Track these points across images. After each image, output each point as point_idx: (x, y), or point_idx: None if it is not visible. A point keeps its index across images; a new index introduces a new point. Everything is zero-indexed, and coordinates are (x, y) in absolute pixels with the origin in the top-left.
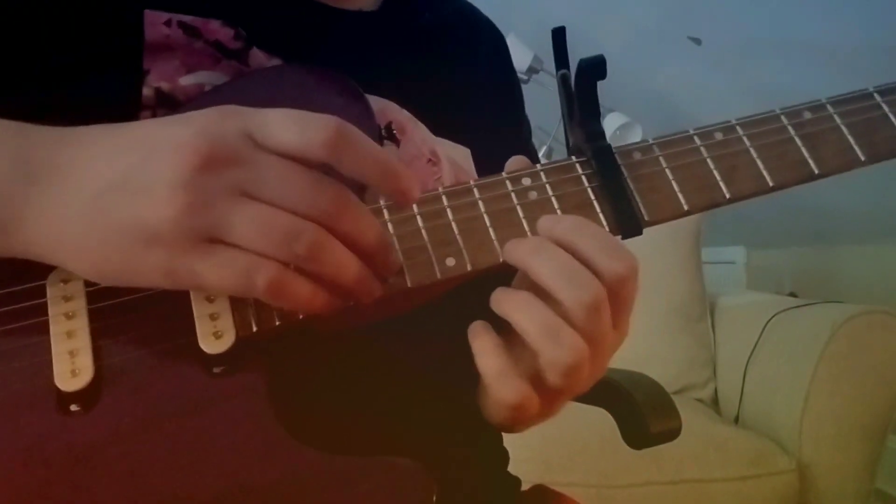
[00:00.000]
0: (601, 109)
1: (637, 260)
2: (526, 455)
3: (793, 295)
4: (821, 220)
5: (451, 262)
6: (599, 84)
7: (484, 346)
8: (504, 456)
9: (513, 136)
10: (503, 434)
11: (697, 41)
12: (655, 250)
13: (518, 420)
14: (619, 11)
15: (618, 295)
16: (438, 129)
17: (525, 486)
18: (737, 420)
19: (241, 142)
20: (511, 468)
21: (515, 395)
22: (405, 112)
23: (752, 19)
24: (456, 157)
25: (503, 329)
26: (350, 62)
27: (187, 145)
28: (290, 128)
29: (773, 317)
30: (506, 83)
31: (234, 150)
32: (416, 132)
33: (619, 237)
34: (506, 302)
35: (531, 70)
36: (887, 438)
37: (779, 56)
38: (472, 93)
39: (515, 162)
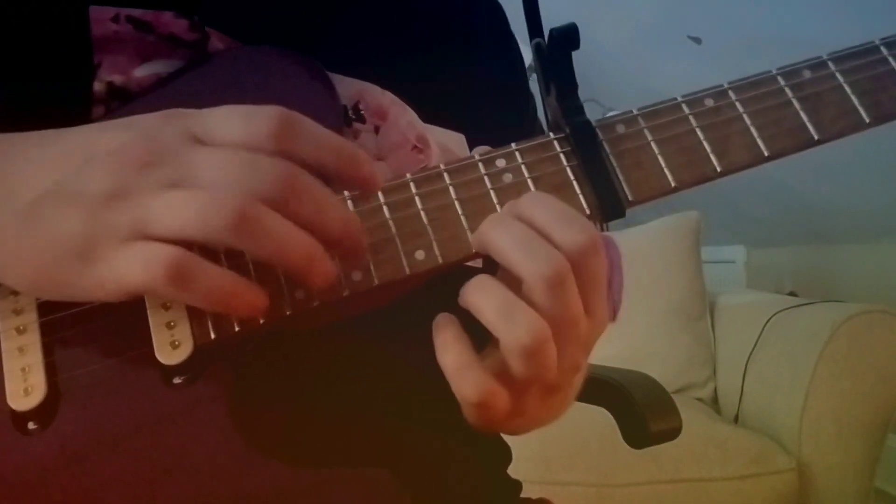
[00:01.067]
0: (601, 108)
1: (597, 231)
2: (526, 454)
3: (793, 294)
4: (821, 218)
5: (420, 255)
6: (599, 83)
7: (444, 340)
8: (506, 455)
9: (514, 116)
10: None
11: (697, 40)
12: (655, 249)
13: (489, 419)
14: (619, 11)
15: (582, 270)
16: (430, 115)
17: (525, 487)
18: (736, 419)
19: (180, 142)
20: (511, 467)
21: (474, 390)
22: (389, 95)
23: (752, 18)
24: (448, 144)
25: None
26: (331, 45)
27: (122, 151)
28: (234, 123)
29: (772, 316)
30: (505, 59)
31: (170, 151)
32: (402, 116)
33: (601, 219)
34: (465, 288)
35: (530, 69)
36: (887, 437)
37: (779, 55)
38: (466, 74)
39: (479, 151)
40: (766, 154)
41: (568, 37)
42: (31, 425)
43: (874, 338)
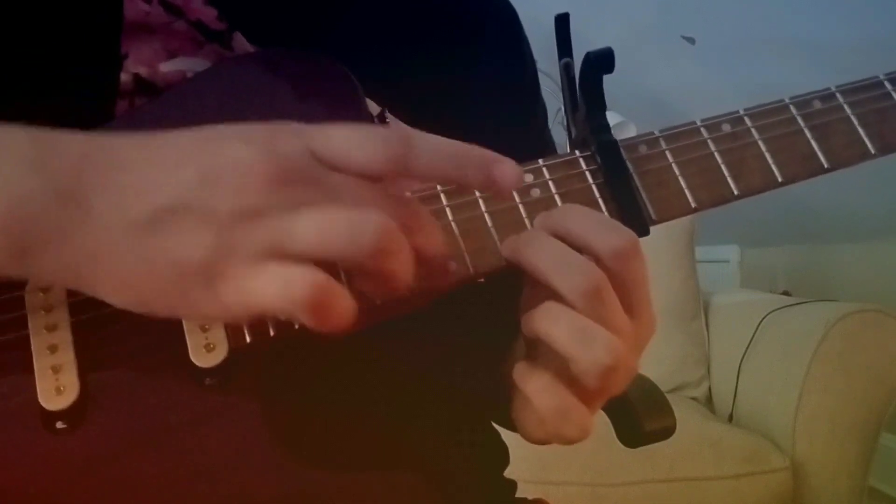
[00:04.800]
0: None
1: (634, 234)
2: (522, 454)
3: (786, 293)
4: (814, 218)
5: (451, 266)
6: None
7: (539, 386)
8: (504, 456)
9: (520, 118)
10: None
11: (691, 40)
12: (649, 249)
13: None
14: (613, 10)
15: (622, 276)
16: (433, 113)
17: (521, 486)
18: (731, 418)
19: (308, 162)
20: (508, 467)
21: (579, 429)
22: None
23: (746, 18)
24: None
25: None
26: (333, 42)
27: (253, 169)
28: (355, 148)
29: (766, 315)
30: (515, 68)
31: (303, 172)
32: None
33: None
34: (532, 318)
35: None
36: (880, 436)
37: (773, 55)
38: (472, 73)
39: None
40: (779, 179)
41: (604, 60)
42: (59, 424)
43: (867, 337)
